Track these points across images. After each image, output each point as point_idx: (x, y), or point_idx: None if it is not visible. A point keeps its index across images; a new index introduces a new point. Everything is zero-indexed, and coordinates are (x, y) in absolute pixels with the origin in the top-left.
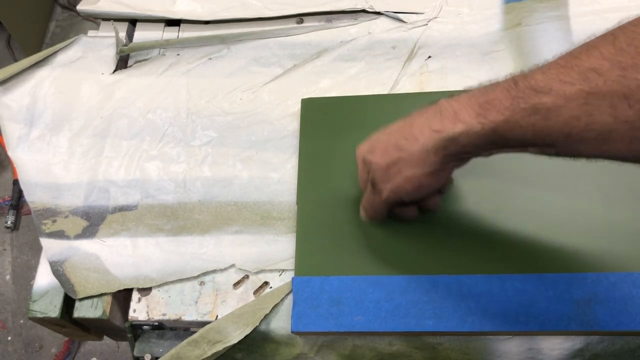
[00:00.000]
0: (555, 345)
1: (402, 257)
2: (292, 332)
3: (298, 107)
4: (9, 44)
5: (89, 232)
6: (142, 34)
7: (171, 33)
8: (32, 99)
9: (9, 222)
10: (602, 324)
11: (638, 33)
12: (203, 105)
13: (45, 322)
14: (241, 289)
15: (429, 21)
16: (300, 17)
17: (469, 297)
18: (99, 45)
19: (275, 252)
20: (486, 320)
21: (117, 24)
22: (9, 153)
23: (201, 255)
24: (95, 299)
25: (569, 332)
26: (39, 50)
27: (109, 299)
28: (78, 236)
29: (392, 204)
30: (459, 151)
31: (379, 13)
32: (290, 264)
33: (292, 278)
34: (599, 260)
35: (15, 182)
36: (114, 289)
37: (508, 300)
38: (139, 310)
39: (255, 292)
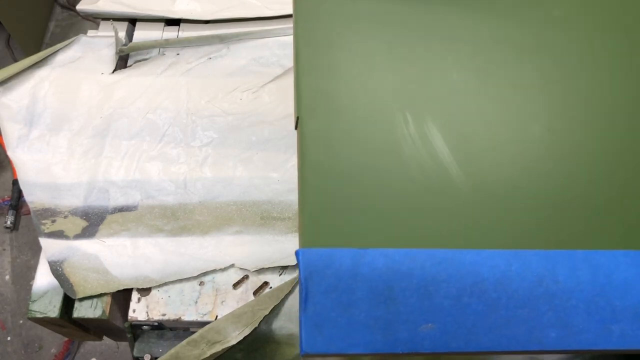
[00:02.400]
0: None
1: (500, 218)
2: (302, 356)
3: None
4: (8, 43)
5: (88, 232)
6: (142, 34)
7: (171, 33)
8: (32, 99)
9: (8, 222)
10: None
11: None
12: (203, 105)
13: (45, 322)
14: (241, 289)
15: None
16: None
17: (611, 291)
18: (99, 45)
19: (275, 252)
20: None
21: (116, 23)
22: (9, 153)
23: (201, 255)
24: (95, 299)
25: None
26: (38, 50)
27: (108, 299)
28: (77, 236)
29: None
30: None
31: None
32: (291, 260)
33: (297, 252)
34: None
35: (15, 182)
36: (114, 289)
37: None
38: (138, 311)
39: (255, 292)
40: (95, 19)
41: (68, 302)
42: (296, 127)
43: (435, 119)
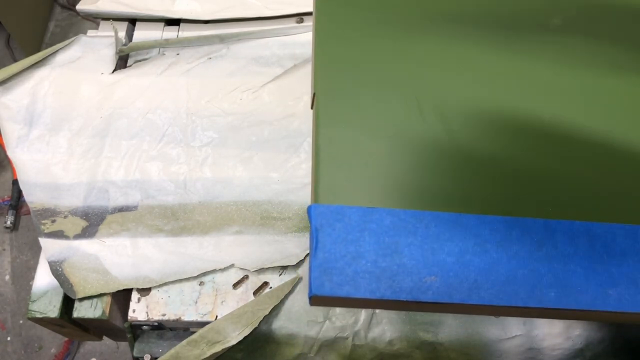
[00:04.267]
0: (555, 345)
1: (503, 187)
2: (310, 297)
3: (298, 107)
4: (8, 43)
5: (88, 232)
6: (142, 34)
7: (171, 32)
8: (32, 99)
9: (8, 222)
10: None
11: None
12: (203, 105)
13: (45, 322)
14: (241, 289)
15: None
16: (300, 17)
17: (608, 259)
18: (99, 45)
19: (275, 252)
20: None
21: (116, 23)
22: (9, 153)
23: (201, 255)
24: (95, 299)
25: None
26: (38, 50)
27: (108, 299)
28: (77, 236)
29: None
30: None
31: None
32: (291, 260)
33: (309, 207)
34: None
35: (15, 182)
36: (114, 289)
37: None
38: (138, 311)
39: (255, 293)
40: (95, 19)
41: (68, 302)
42: (312, 106)
43: (446, 100)
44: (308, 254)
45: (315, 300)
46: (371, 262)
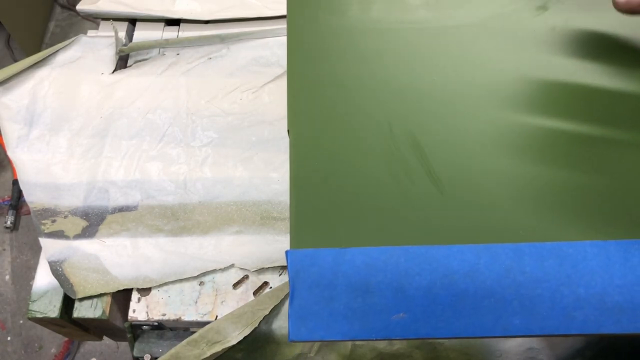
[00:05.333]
0: (555, 345)
1: (472, 215)
2: (290, 341)
3: None
4: (8, 43)
5: (88, 232)
6: (142, 34)
7: (171, 33)
8: (32, 99)
9: (8, 222)
10: None
11: None
12: (203, 105)
13: (45, 322)
14: (241, 289)
15: None
16: None
17: (576, 280)
18: (99, 45)
19: (275, 252)
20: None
21: (116, 23)
22: (9, 153)
23: (201, 255)
24: (95, 299)
25: None
26: (38, 50)
27: (108, 299)
28: (77, 236)
29: None
30: None
31: None
32: None
33: (286, 252)
34: None
35: (15, 182)
36: (114, 289)
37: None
38: (138, 311)
39: (255, 292)
40: (95, 19)
41: (68, 302)
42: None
43: (416, 129)
44: None
45: (295, 342)
46: (344, 305)
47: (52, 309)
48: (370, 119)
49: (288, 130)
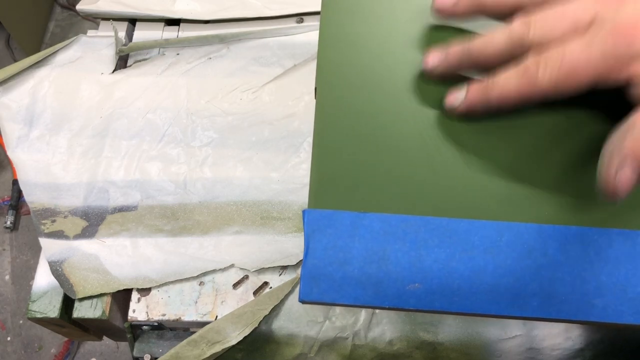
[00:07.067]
0: (555, 345)
1: (497, 191)
2: (300, 301)
3: (298, 107)
4: (8, 43)
5: (88, 232)
6: (142, 34)
7: (171, 33)
8: (32, 99)
9: (8, 222)
10: None
11: None
12: (203, 105)
13: (45, 322)
14: (241, 289)
15: None
16: (300, 17)
17: (599, 267)
18: (99, 45)
19: (275, 252)
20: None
21: (116, 23)
22: (9, 153)
23: (201, 255)
24: (95, 299)
25: None
26: (38, 50)
27: (108, 299)
28: (77, 236)
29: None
30: None
31: None
32: (291, 260)
33: (304, 211)
34: None
35: (15, 182)
36: (114, 289)
37: None
38: (138, 311)
39: (255, 293)
40: (95, 19)
41: (68, 302)
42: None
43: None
44: None
45: (305, 302)
46: (358, 269)
47: (52, 309)
48: (403, 83)
49: (315, 88)
